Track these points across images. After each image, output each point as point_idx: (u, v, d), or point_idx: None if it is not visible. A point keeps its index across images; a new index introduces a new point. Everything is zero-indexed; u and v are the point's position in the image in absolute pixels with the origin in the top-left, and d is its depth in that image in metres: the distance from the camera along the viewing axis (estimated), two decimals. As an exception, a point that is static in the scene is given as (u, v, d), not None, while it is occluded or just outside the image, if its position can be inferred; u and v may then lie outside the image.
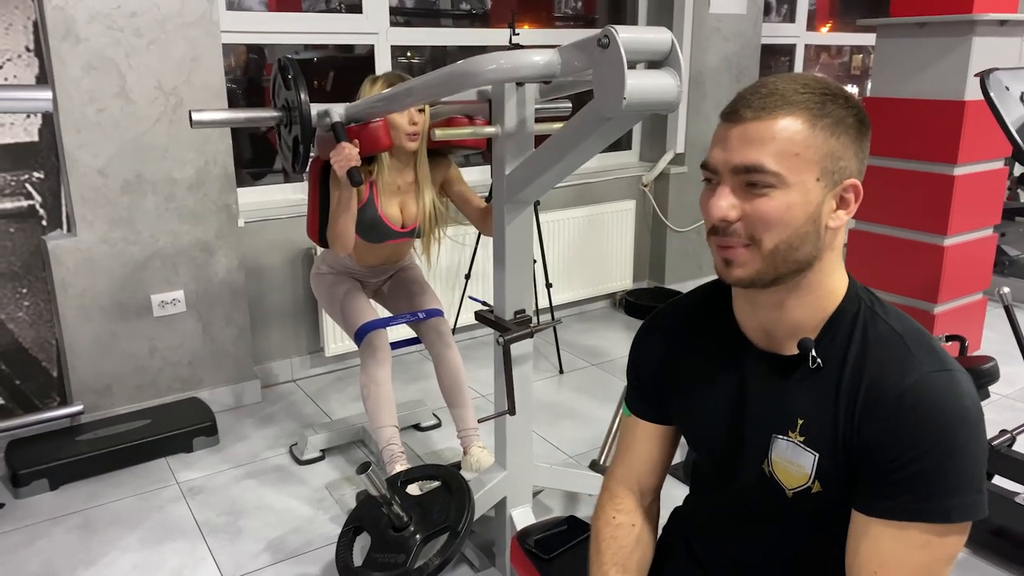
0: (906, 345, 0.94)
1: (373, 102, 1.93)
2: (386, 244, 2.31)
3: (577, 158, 1.52)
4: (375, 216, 2.21)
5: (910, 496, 0.90)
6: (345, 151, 1.93)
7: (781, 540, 1.07)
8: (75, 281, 2.60)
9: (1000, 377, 2.28)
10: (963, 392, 0.91)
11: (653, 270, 4.30)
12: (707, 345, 1.11)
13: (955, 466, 0.89)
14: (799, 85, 0.93)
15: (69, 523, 2.27)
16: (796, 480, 1.00)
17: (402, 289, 2.49)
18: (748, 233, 0.93)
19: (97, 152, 2.55)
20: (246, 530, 2.24)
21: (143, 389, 2.80)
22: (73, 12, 2.42)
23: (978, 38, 2.86)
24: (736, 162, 0.92)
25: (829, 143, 0.92)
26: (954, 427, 0.89)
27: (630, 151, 4.27)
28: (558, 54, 1.38)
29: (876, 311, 0.99)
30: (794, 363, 1.00)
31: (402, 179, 2.25)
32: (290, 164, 2.00)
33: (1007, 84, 1.84)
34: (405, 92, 1.78)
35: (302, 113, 1.87)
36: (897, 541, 0.91)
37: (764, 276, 0.95)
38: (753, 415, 1.04)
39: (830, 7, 5.50)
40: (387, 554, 1.69)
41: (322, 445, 2.63)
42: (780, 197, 0.91)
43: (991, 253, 3.31)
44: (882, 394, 0.92)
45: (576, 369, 3.38)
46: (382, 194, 2.22)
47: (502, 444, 1.88)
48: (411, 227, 2.28)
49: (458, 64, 1.49)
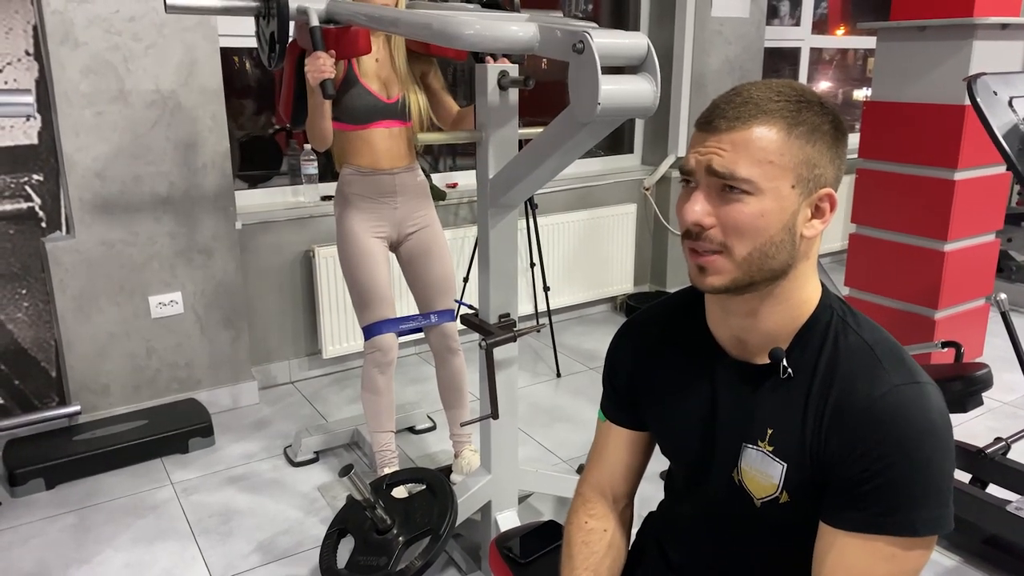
0: (876, 357, 0.94)
1: (356, 12, 1.85)
2: (377, 128, 2.18)
3: (559, 162, 1.52)
4: (360, 89, 2.13)
5: (876, 509, 0.89)
6: (319, 61, 1.87)
7: (750, 549, 1.07)
8: (73, 282, 2.63)
9: (994, 384, 2.25)
10: (931, 406, 0.91)
11: (654, 274, 4.29)
12: (681, 352, 1.10)
13: (922, 479, 0.88)
14: (773, 92, 0.92)
15: (64, 522, 2.29)
16: (764, 490, 0.99)
17: (422, 264, 2.33)
18: (720, 240, 0.93)
19: (95, 155, 2.58)
20: (237, 531, 2.25)
21: (140, 390, 2.83)
22: (72, 16, 2.45)
23: (979, 42, 2.84)
24: (710, 168, 0.92)
25: (804, 150, 0.91)
26: (921, 440, 0.88)
27: (632, 155, 4.26)
28: (538, 30, 1.36)
29: (848, 322, 0.98)
30: (765, 372, 1.00)
31: (379, 54, 2.18)
32: (266, 58, 1.94)
33: (995, 89, 1.82)
34: (390, 21, 1.71)
35: (279, 6, 1.80)
36: (863, 553, 0.91)
37: (738, 283, 0.94)
38: (724, 423, 1.04)
39: (842, 11, 5.47)
40: (370, 556, 1.70)
41: (316, 447, 2.64)
42: (754, 204, 0.91)
43: (993, 259, 3.27)
44: (850, 405, 0.92)
45: (574, 373, 3.38)
46: (362, 68, 2.15)
47: (487, 448, 1.89)
48: (395, 99, 2.18)
49: (441, 19, 1.45)
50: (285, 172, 3.67)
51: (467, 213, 3.54)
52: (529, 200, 3.35)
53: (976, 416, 2.84)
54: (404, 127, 2.20)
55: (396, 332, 2.25)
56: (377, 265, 2.23)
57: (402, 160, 2.23)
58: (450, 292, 2.36)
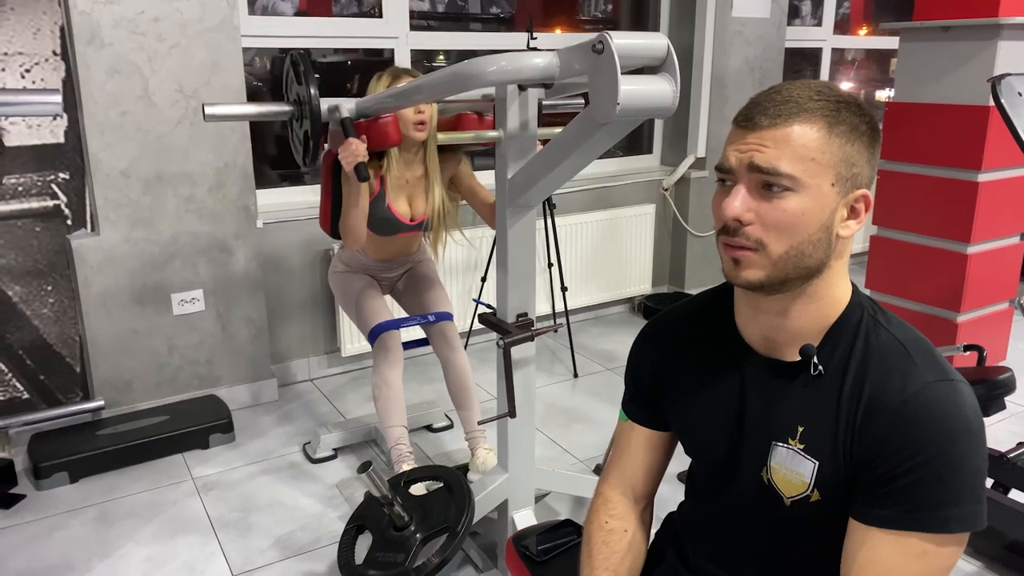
0: (908, 354, 0.94)
1: (382, 98, 1.94)
2: (396, 237, 2.35)
3: (577, 162, 1.52)
4: (384, 209, 2.23)
5: (910, 505, 0.89)
6: (352, 147, 1.94)
7: (776, 549, 1.06)
8: (98, 279, 2.67)
9: (1017, 388, 2.23)
10: (965, 402, 0.91)
11: (673, 275, 4.28)
12: (707, 351, 1.10)
13: (955, 476, 0.88)
14: (813, 92, 0.93)
15: (86, 515, 2.33)
16: (795, 488, 0.99)
17: (415, 287, 2.51)
18: (757, 237, 0.93)
19: (120, 154, 2.61)
20: (256, 526, 2.27)
21: (162, 386, 2.86)
22: (98, 17, 2.48)
23: (1004, 42, 2.80)
24: (753, 164, 0.92)
25: (844, 149, 0.92)
26: (956, 437, 0.89)
27: (651, 155, 4.25)
28: (557, 57, 1.38)
29: (879, 319, 0.98)
30: (796, 370, 1.00)
31: (411, 173, 2.26)
32: (300, 158, 2.02)
33: (1020, 89, 1.80)
34: (414, 89, 1.80)
35: (312, 107, 1.88)
36: (895, 550, 0.91)
37: (772, 280, 0.94)
38: (753, 422, 1.04)
39: (864, 11, 5.42)
40: (387, 553, 1.70)
41: (335, 444, 2.67)
42: (795, 201, 0.91)
43: (1017, 262, 3.23)
44: (884, 403, 0.92)
45: (591, 373, 3.38)
46: (392, 188, 2.23)
47: (504, 447, 1.89)
48: (420, 220, 2.30)
49: (460, 65, 1.50)
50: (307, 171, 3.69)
51: (485, 213, 3.54)
52: (547, 200, 3.35)
53: (999, 421, 2.81)
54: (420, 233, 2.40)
55: (398, 328, 2.35)
56: (374, 293, 2.42)
57: (414, 252, 2.49)
58: (444, 299, 2.49)
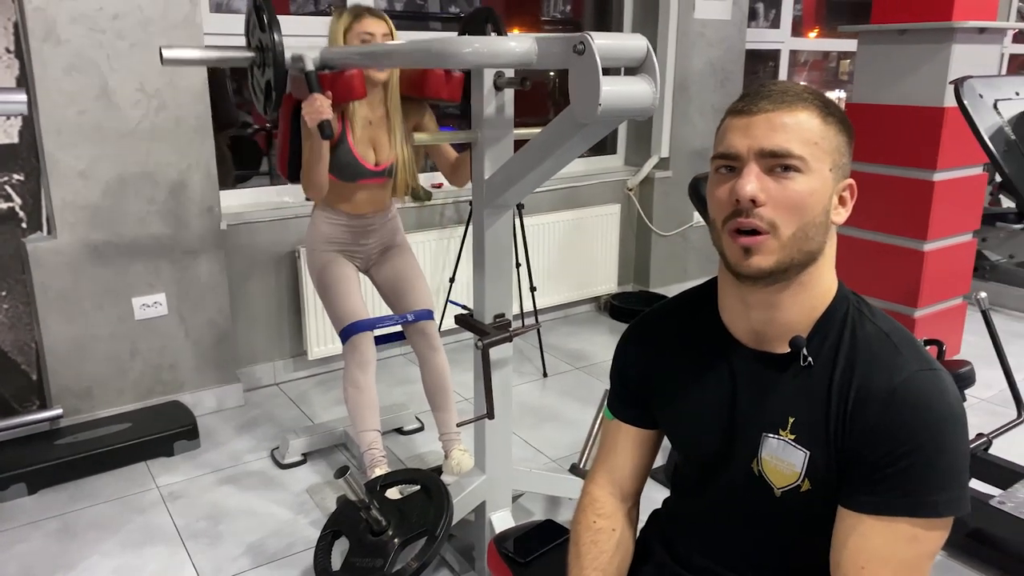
0: (894, 344, 0.97)
1: (349, 54, 1.88)
2: (361, 185, 2.24)
3: (556, 163, 1.52)
4: (347, 153, 2.16)
5: (900, 491, 0.92)
6: (317, 103, 1.88)
7: (766, 540, 1.08)
8: (55, 283, 2.59)
9: (976, 381, 2.30)
10: (948, 390, 0.95)
11: (638, 274, 4.32)
12: (694, 349, 1.11)
13: (943, 462, 0.92)
14: (801, 88, 0.98)
15: (48, 527, 2.25)
16: (786, 479, 1.01)
17: (393, 277, 2.41)
18: (770, 219, 0.95)
19: (78, 154, 2.54)
20: (226, 534, 2.23)
21: (124, 393, 2.79)
22: (54, 14, 2.41)
23: (957, 45, 2.89)
24: (763, 146, 0.94)
25: (838, 138, 0.97)
26: (942, 424, 0.92)
27: (615, 155, 4.28)
28: (535, 44, 1.37)
29: (863, 311, 1.02)
30: (785, 361, 1.02)
31: (374, 114, 2.20)
32: (261, 107, 1.94)
33: (980, 92, 1.86)
34: (384, 54, 1.73)
35: (276, 55, 1.80)
36: (885, 536, 0.93)
37: (781, 265, 0.96)
38: (744, 414, 1.05)
39: (816, 13, 5.54)
40: (365, 558, 1.69)
41: (304, 449, 2.63)
42: (804, 182, 0.94)
43: (971, 258, 3.34)
44: (873, 392, 0.95)
45: (560, 372, 3.39)
46: (356, 130, 2.17)
47: (481, 448, 1.89)
48: (384, 166, 2.22)
49: (437, 41, 1.48)
50: (266, 172, 3.64)
51: (452, 214, 3.53)
52: (515, 200, 3.36)
53: (956, 413, 2.89)
54: (387, 182, 2.27)
55: (371, 330, 2.29)
56: (350, 286, 2.31)
57: (382, 207, 2.34)
58: (424, 295, 2.42)
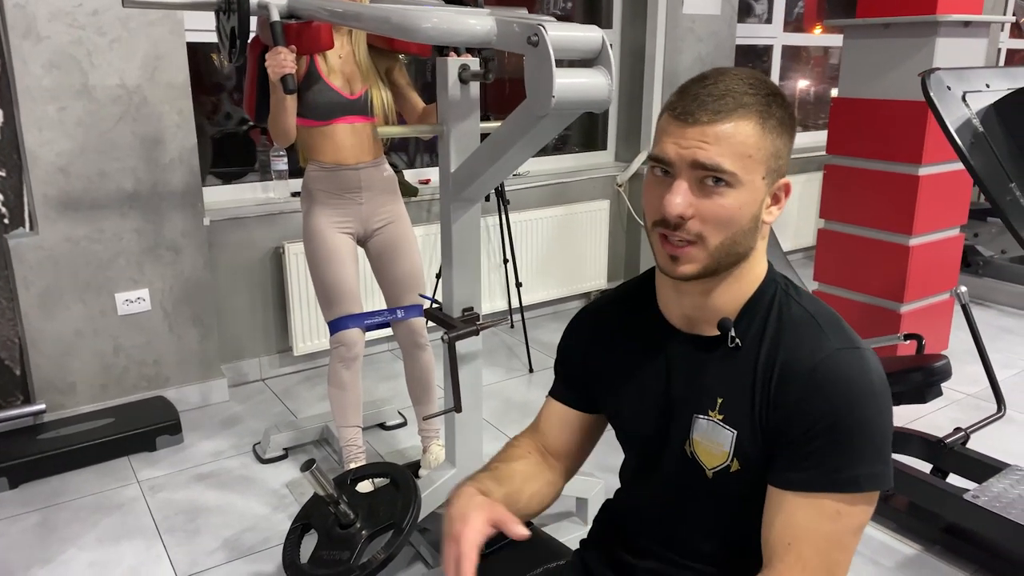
0: (818, 325, 0.99)
1: (318, 7, 1.83)
2: (340, 124, 2.16)
3: (519, 155, 1.53)
4: (322, 88, 2.12)
5: (821, 468, 0.94)
6: (280, 56, 1.87)
7: (702, 522, 1.09)
8: (38, 279, 2.60)
9: (955, 376, 2.29)
10: (870, 368, 0.96)
11: (627, 269, 4.31)
12: (634, 335, 1.13)
13: (862, 437, 0.93)
14: (746, 85, 0.96)
15: (27, 521, 2.27)
16: (715, 459, 1.02)
17: (390, 263, 2.31)
18: (697, 231, 0.96)
19: (60, 150, 2.55)
20: (204, 528, 2.24)
21: (108, 388, 2.80)
22: (34, 10, 2.42)
23: (942, 39, 2.88)
24: (695, 158, 0.94)
25: (775, 144, 0.96)
26: (862, 400, 0.94)
27: (605, 151, 4.28)
28: (495, 24, 1.37)
29: (791, 294, 1.03)
30: (714, 343, 1.04)
31: (342, 50, 2.16)
32: (226, 54, 1.93)
33: (948, 84, 1.85)
34: (352, 15, 1.70)
35: (240, 1, 1.78)
36: (809, 512, 0.94)
37: (708, 270, 0.98)
38: (677, 397, 1.07)
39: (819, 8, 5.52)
40: (333, 551, 1.69)
41: (285, 444, 2.63)
42: (733, 196, 0.94)
43: (957, 253, 3.32)
44: (795, 371, 0.96)
45: (547, 368, 3.39)
46: (327, 64, 2.14)
47: (451, 442, 1.89)
48: (359, 94, 2.16)
49: (397, 13, 1.46)
50: (257, 168, 3.64)
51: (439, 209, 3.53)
52: (501, 196, 3.36)
53: (939, 407, 2.88)
54: (368, 122, 2.19)
55: (362, 327, 2.24)
56: (343, 262, 2.22)
57: (367, 155, 2.22)
58: (417, 288, 2.34)
